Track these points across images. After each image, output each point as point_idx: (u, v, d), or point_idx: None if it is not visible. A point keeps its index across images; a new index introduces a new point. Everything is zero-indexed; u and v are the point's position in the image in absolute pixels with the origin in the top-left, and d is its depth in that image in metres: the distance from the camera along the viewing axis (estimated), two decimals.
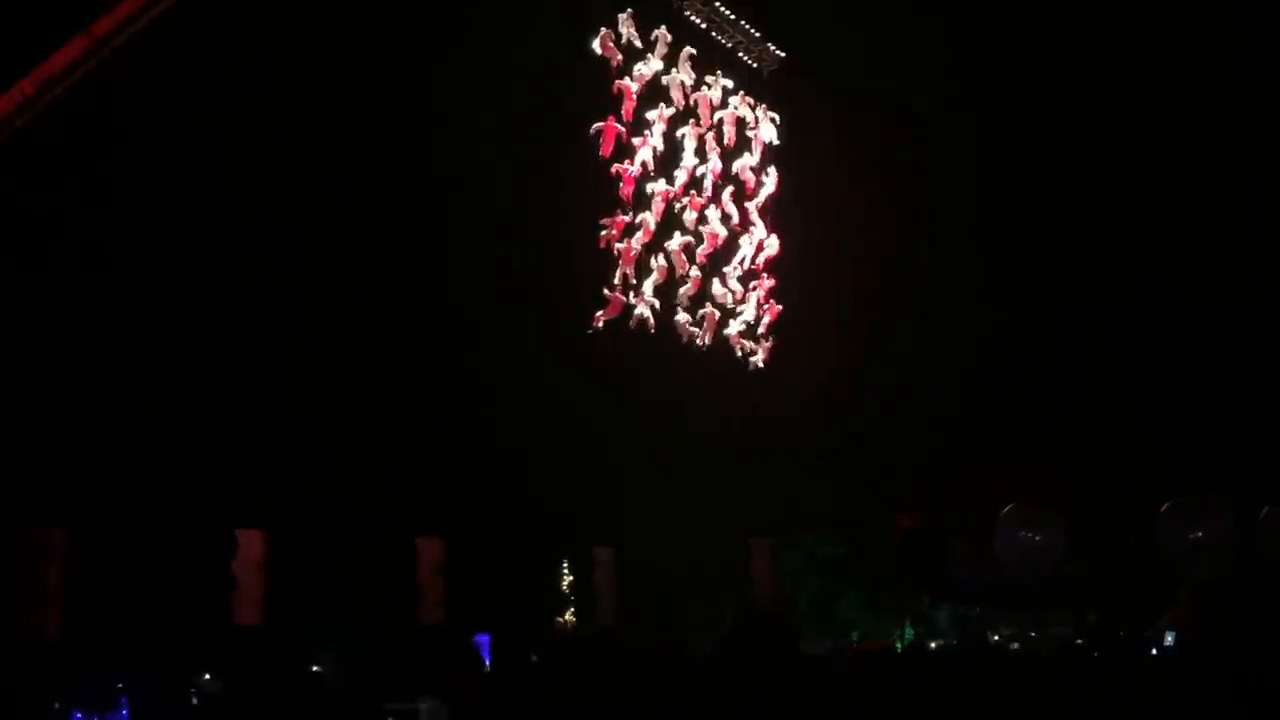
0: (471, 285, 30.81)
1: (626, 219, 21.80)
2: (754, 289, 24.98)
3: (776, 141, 24.56)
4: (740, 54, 23.36)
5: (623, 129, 21.64)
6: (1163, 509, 33.19)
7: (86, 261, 22.03)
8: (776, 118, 24.44)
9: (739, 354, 24.74)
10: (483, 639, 28.28)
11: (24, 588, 20.46)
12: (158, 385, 23.80)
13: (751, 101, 23.92)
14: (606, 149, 21.55)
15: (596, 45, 21.11)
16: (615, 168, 21.56)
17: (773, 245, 25.01)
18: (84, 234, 21.65)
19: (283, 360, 26.12)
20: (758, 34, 23.26)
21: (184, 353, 24.20)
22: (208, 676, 24.05)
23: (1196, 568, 31.83)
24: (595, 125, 21.40)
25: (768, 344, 24.89)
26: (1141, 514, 34.87)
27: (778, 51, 23.71)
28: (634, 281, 22.00)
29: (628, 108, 21.63)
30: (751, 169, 24.16)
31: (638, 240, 21.90)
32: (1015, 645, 37.17)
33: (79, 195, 21.24)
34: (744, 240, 24.45)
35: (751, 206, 24.58)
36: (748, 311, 24.71)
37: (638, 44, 21.59)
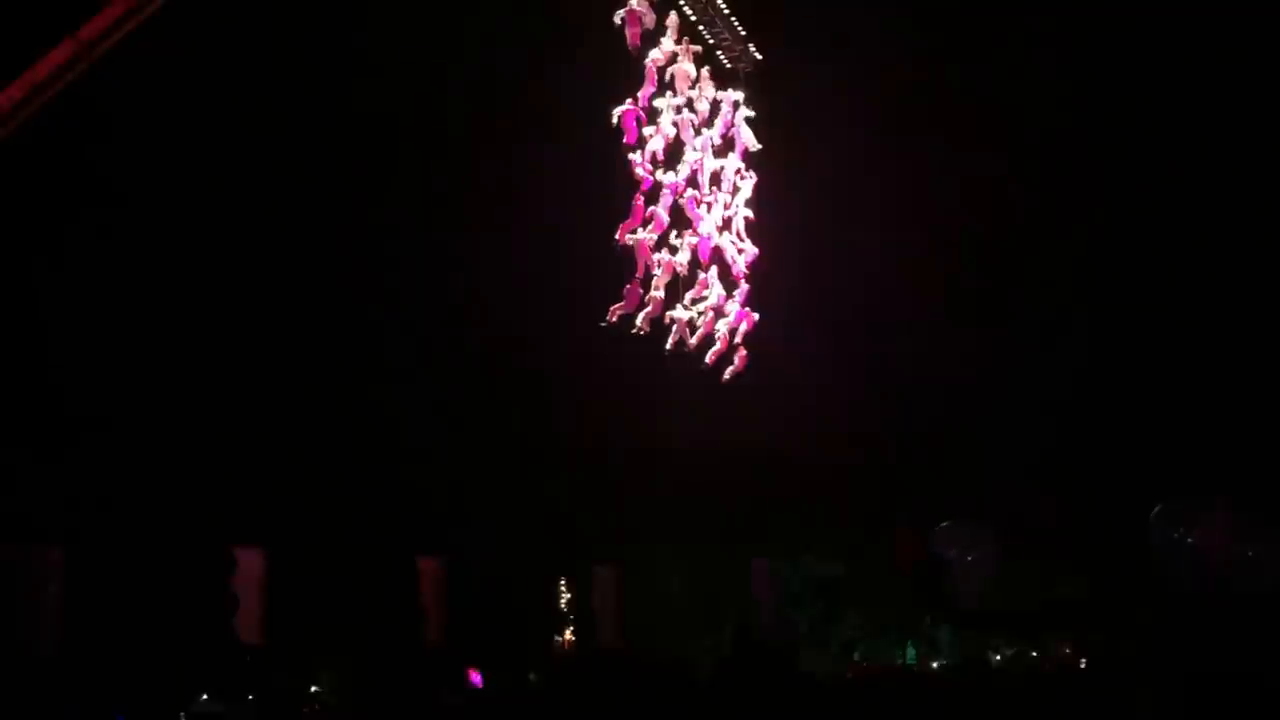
0: (471, 298, 30.74)
1: (641, 212, 21.09)
2: (735, 295, 24.48)
3: (756, 146, 24.05)
4: (719, 53, 22.96)
5: (643, 114, 20.98)
6: (1154, 512, 33.24)
7: (87, 274, 22.06)
8: (751, 116, 23.97)
9: (721, 363, 24.30)
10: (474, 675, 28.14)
11: (23, 607, 20.40)
12: (157, 403, 23.76)
13: (736, 101, 23.55)
14: (630, 136, 20.86)
15: (620, 16, 20.36)
16: (634, 161, 20.81)
17: (751, 251, 24.40)
18: (83, 245, 21.67)
19: (283, 378, 26.08)
20: (744, 32, 22.84)
21: (184, 370, 24.17)
22: (205, 697, 23.83)
23: (1183, 577, 31.68)
24: (616, 110, 20.65)
25: (743, 353, 24.32)
26: (1138, 534, 34.83)
27: (755, 54, 23.37)
28: (658, 270, 21.32)
29: (646, 93, 21.02)
30: (736, 170, 23.81)
31: (647, 231, 21.24)
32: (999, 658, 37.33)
33: (77, 200, 21.28)
34: (727, 244, 23.96)
35: (733, 211, 24.14)
36: (730, 318, 24.30)
37: (649, 27, 20.86)
